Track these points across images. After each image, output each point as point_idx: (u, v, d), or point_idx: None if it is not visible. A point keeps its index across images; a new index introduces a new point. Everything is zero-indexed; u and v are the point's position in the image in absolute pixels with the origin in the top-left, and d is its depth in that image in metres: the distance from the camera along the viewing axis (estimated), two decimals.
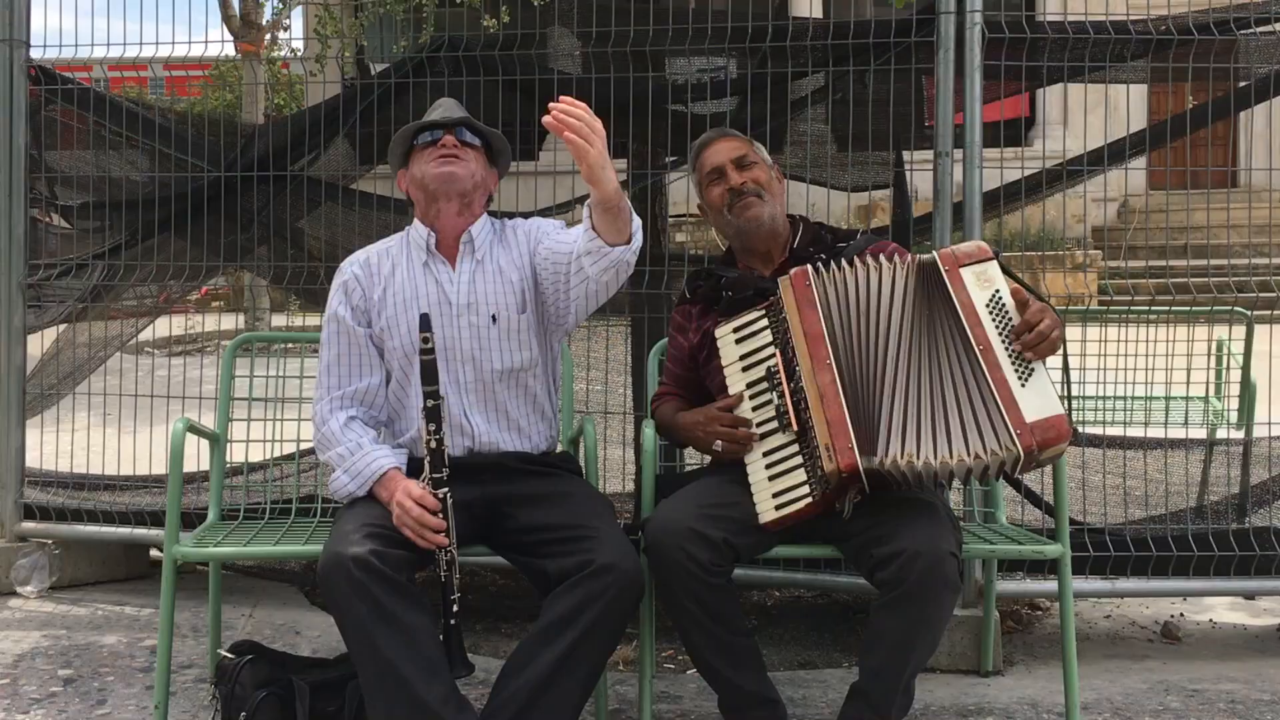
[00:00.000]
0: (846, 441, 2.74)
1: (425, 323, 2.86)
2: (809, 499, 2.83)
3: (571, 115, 2.69)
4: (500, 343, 3.01)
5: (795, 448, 2.87)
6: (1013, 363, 2.77)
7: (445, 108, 3.15)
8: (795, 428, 2.86)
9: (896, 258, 2.95)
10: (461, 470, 2.88)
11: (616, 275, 2.87)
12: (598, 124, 2.71)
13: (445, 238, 3.08)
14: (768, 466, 2.90)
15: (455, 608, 2.78)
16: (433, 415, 2.81)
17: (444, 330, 3.00)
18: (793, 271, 2.94)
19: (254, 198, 4.56)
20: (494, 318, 3.01)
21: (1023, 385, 2.75)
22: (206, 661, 3.60)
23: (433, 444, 2.80)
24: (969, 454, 2.71)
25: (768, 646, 3.88)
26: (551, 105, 2.70)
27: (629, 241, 2.83)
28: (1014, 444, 2.69)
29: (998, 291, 2.83)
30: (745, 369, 2.99)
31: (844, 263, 2.93)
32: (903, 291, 2.87)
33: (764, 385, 2.94)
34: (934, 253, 2.88)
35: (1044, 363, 2.78)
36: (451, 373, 2.99)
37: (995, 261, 2.86)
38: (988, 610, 3.67)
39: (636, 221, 2.87)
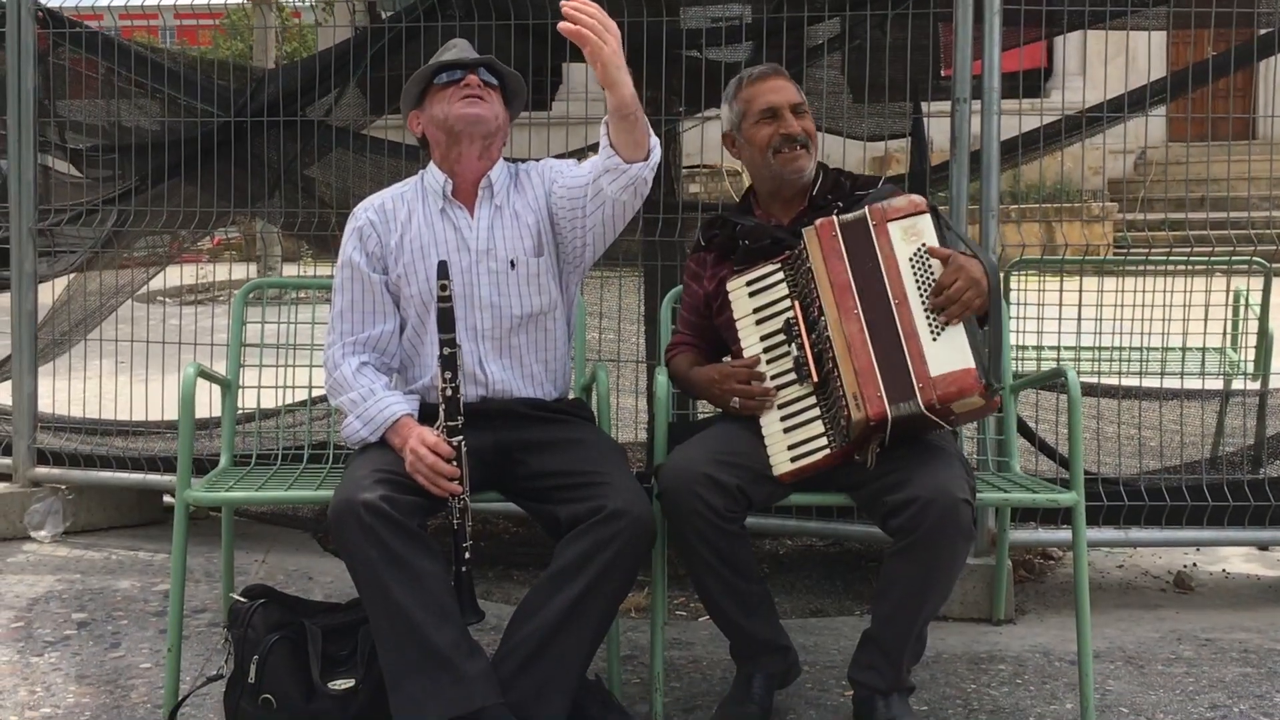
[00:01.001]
0: (876, 390, 2.73)
1: (443, 270, 2.84)
2: (826, 450, 2.82)
3: (585, 12, 2.64)
4: (520, 288, 2.97)
5: (812, 399, 2.86)
6: (927, 316, 2.76)
7: (460, 48, 3.07)
8: (815, 379, 2.84)
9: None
10: (474, 416, 2.86)
11: (635, 194, 2.83)
12: (612, 24, 2.66)
13: (463, 183, 3.01)
14: (783, 419, 2.88)
15: (467, 555, 2.77)
16: (449, 363, 2.79)
17: (462, 277, 2.95)
18: (818, 223, 2.90)
19: (264, 143, 4.53)
20: (512, 263, 2.97)
21: (934, 339, 2.75)
22: (219, 606, 3.62)
23: (448, 392, 2.78)
24: (889, 404, 2.72)
25: (779, 594, 3.88)
26: (564, 3, 2.65)
27: (647, 157, 2.79)
28: (915, 396, 2.70)
29: (923, 246, 2.81)
30: (759, 322, 2.97)
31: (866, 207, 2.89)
32: (868, 245, 2.84)
33: (780, 338, 2.92)
34: (865, 208, 2.86)
35: (970, 317, 2.77)
36: (469, 320, 2.95)
37: (927, 215, 2.84)
38: (1000, 559, 3.67)
39: (654, 138, 2.83)
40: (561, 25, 2.64)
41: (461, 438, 2.77)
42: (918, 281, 2.79)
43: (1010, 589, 3.73)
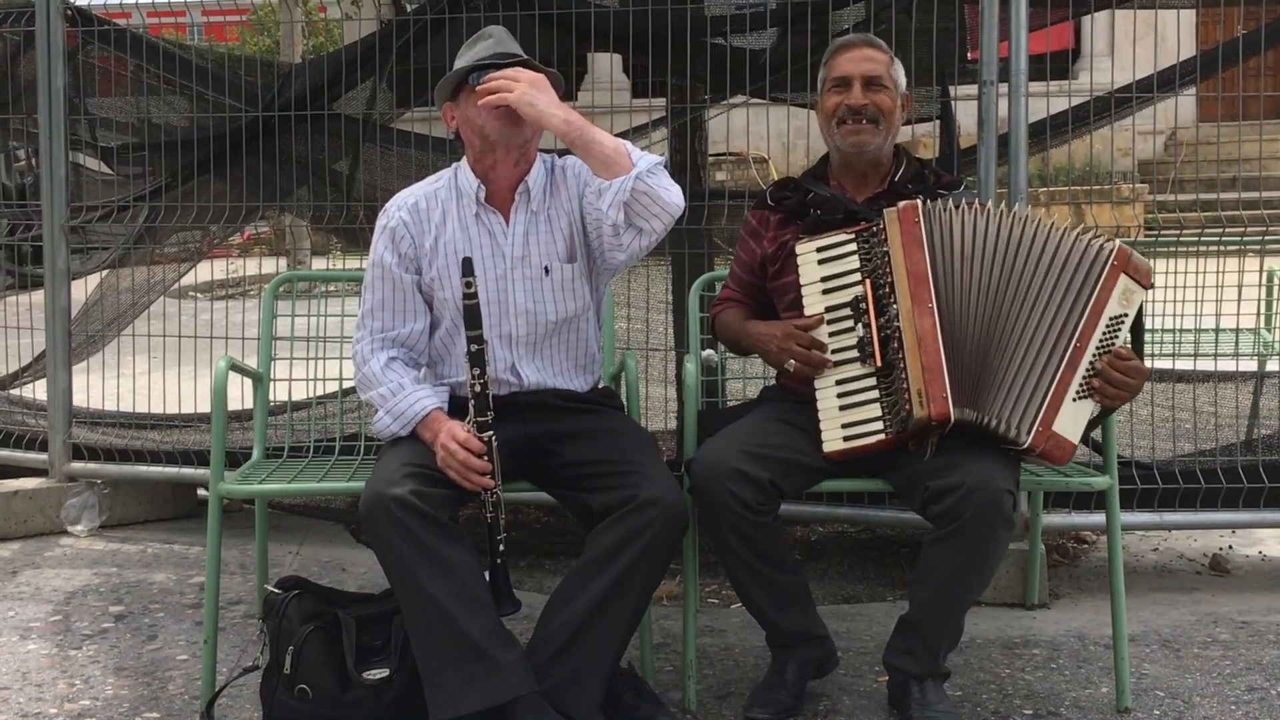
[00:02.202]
0: (942, 390, 2.72)
1: (468, 267, 2.79)
2: (881, 435, 2.80)
3: (483, 91, 2.78)
4: (554, 294, 2.94)
5: (873, 381, 2.83)
6: (1084, 377, 2.77)
7: (497, 38, 2.96)
8: (879, 363, 2.81)
9: (1016, 208, 2.90)
10: (505, 408, 2.86)
11: (642, 205, 2.76)
12: (516, 71, 2.77)
13: (498, 189, 2.95)
14: (840, 395, 2.85)
15: (502, 547, 2.77)
16: (477, 360, 2.76)
17: (497, 284, 2.91)
18: (902, 205, 2.84)
19: (292, 138, 4.54)
20: (546, 269, 2.93)
21: (1074, 400, 2.77)
22: (254, 597, 3.65)
23: (477, 388, 2.76)
24: (990, 414, 2.76)
25: (811, 581, 3.84)
26: (479, 88, 2.80)
27: (627, 172, 2.74)
28: (1028, 435, 2.73)
29: (1126, 316, 2.82)
30: (826, 292, 2.89)
31: (953, 205, 2.85)
32: (1013, 245, 2.82)
33: (846, 313, 2.87)
34: (1116, 242, 2.84)
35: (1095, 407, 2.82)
36: (503, 327, 2.92)
37: (1144, 294, 2.86)
38: (1034, 543, 3.65)
39: (626, 148, 2.79)
40: (480, 103, 2.78)
41: (492, 433, 2.75)
42: (1100, 342, 2.79)
43: (1044, 573, 3.71)
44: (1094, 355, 2.78)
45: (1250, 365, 5.01)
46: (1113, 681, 3.00)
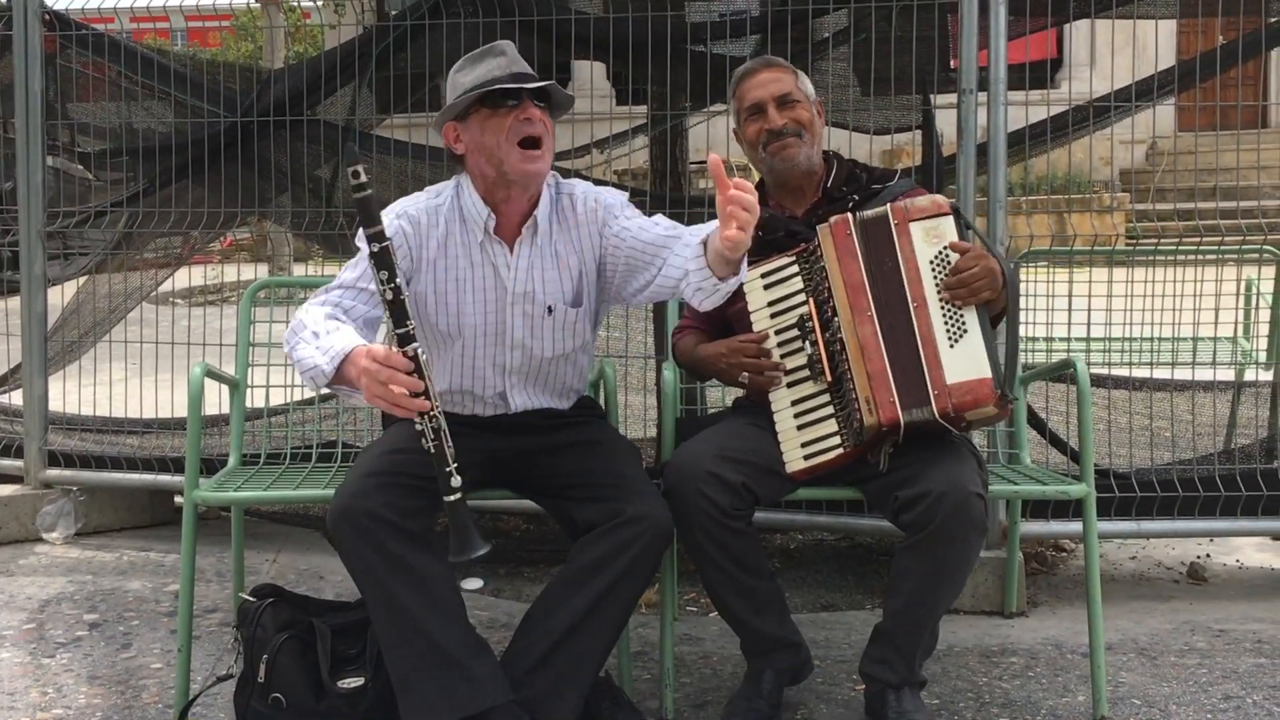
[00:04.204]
0: (889, 395, 2.73)
1: (350, 155, 2.50)
2: (839, 450, 2.81)
3: (744, 196, 2.47)
4: (554, 332, 2.87)
5: (826, 397, 2.85)
6: (946, 322, 2.75)
7: (510, 57, 2.74)
8: (829, 379, 2.83)
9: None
10: (488, 427, 2.86)
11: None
12: (747, 192, 2.49)
13: (508, 221, 2.81)
14: (796, 415, 2.87)
15: (455, 480, 2.49)
16: (383, 260, 2.46)
17: (496, 315, 2.83)
18: (833, 220, 2.87)
19: (271, 144, 4.53)
20: (550, 309, 2.84)
21: (951, 346, 2.74)
22: (231, 606, 3.63)
23: (388, 295, 2.46)
24: (902, 409, 2.73)
25: (790, 589, 3.87)
26: (732, 182, 2.47)
27: (738, 272, 2.63)
28: (930, 403, 2.71)
29: (945, 247, 2.78)
30: (774, 315, 2.94)
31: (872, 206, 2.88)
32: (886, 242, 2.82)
33: (795, 333, 2.90)
34: (886, 206, 2.83)
35: (983, 322, 2.76)
36: (498, 357, 2.86)
37: (950, 217, 2.81)
38: (1011, 551, 3.65)
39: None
40: (730, 194, 2.46)
41: (417, 344, 2.47)
42: (938, 285, 2.76)
43: (1022, 581, 3.71)
44: (940, 300, 2.75)
45: (1228, 374, 5.03)
46: (1090, 690, 2.99)
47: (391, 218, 2.80)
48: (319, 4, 6.67)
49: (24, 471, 4.58)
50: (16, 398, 4.85)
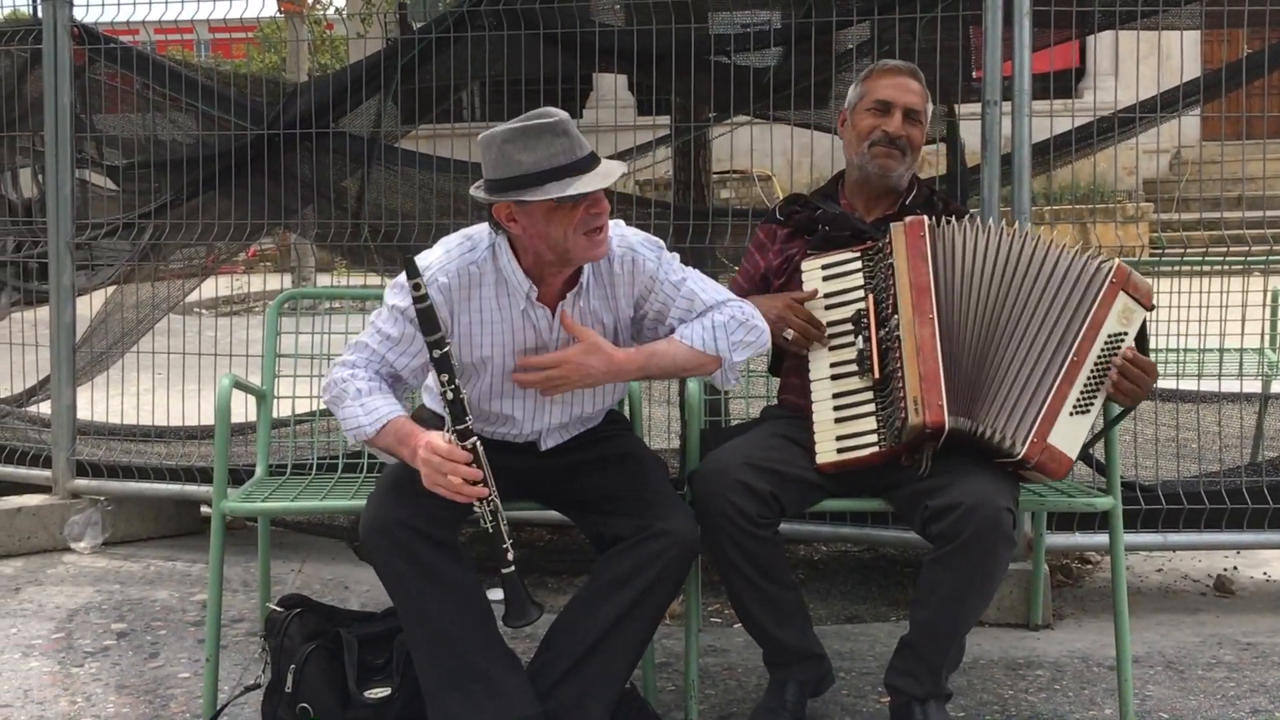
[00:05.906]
0: (938, 398, 2.74)
1: (412, 269, 2.60)
2: (874, 448, 2.82)
3: (527, 380, 2.71)
4: (595, 392, 2.87)
5: (870, 394, 2.86)
6: (1081, 393, 2.77)
7: (575, 140, 2.59)
8: (877, 375, 2.84)
9: (1015, 226, 2.94)
10: (520, 448, 2.87)
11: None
12: (552, 358, 2.69)
13: (551, 289, 2.75)
14: (836, 408, 2.89)
15: (510, 555, 2.60)
16: (443, 365, 2.59)
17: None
18: (908, 220, 2.90)
19: (296, 156, 4.56)
20: None
21: (1070, 415, 2.77)
22: (257, 616, 3.64)
23: (449, 395, 2.58)
24: (985, 425, 2.76)
25: (814, 600, 3.87)
26: (515, 377, 2.73)
27: (719, 366, 2.79)
28: (1023, 445, 2.73)
29: (1125, 334, 2.82)
30: (828, 308, 2.96)
31: (955, 221, 2.90)
32: (1014, 261, 2.85)
33: (847, 328, 2.92)
34: (1115, 261, 2.85)
35: (1103, 415, 2.85)
36: (539, 408, 2.85)
37: (1146, 314, 2.86)
38: (1037, 564, 3.64)
39: (700, 340, 2.75)
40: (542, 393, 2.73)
41: (475, 438, 2.59)
42: (1099, 359, 2.79)
43: (1048, 594, 3.70)
44: (1091, 371, 2.78)
45: (1255, 385, 5.00)
46: (1116, 703, 2.99)
47: (434, 273, 2.70)
48: (343, 16, 6.71)
49: (52, 481, 4.61)
50: (45, 408, 4.89)
